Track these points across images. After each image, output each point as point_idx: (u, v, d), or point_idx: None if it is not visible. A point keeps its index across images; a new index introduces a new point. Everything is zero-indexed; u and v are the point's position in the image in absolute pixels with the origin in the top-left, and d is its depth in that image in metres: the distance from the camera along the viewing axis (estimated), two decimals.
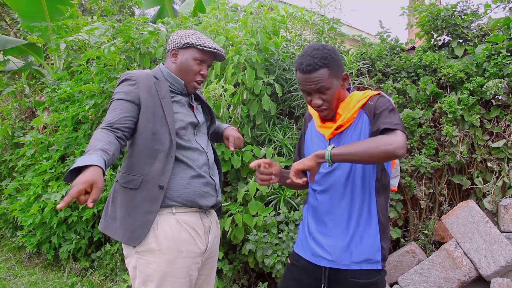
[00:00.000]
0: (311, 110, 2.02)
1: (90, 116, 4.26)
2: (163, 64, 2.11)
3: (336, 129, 1.84)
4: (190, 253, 1.94)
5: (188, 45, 2.01)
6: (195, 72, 2.03)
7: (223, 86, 3.26)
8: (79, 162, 1.49)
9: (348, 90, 1.94)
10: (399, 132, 1.62)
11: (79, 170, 1.48)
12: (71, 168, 1.49)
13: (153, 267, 1.87)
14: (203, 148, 2.06)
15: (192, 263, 1.95)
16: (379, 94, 1.83)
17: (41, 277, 4.12)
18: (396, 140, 1.58)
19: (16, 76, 6.67)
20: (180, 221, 1.93)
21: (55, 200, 3.92)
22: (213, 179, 2.06)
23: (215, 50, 2.04)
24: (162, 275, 1.87)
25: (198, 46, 2.00)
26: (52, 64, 6.21)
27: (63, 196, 3.96)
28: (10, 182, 4.90)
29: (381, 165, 1.82)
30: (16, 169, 4.85)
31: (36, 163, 4.55)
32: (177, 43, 2.04)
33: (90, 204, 1.42)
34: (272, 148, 3.36)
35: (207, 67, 2.09)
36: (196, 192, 1.97)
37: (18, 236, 4.43)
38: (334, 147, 1.65)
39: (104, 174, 1.53)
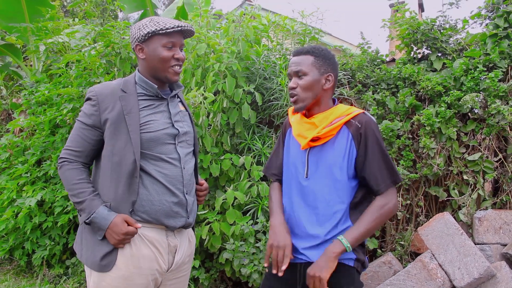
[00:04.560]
0: (291, 118, 2.03)
1: (68, 120, 4.20)
2: (137, 69, 1.93)
3: (313, 140, 1.85)
4: (150, 270, 1.80)
5: (150, 34, 1.80)
6: (168, 59, 1.83)
7: (203, 94, 3.24)
8: (101, 222, 1.73)
9: (334, 102, 1.97)
10: (392, 191, 1.80)
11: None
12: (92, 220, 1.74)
13: (108, 281, 1.75)
14: (179, 162, 1.88)
15: (151, 279, 1.82)
16: (363, 113, 1.86)
17: (13, 284, 4.02)
18: (392, 203, 1.78)
19: None
20: (142, 235, 1.80)
21: (30, 205, 3.83)
22: (186, 198, 1.89)
23: (180, 27, 1.83)
24: None
25: (160, 31, 1.79)
26: (31, 66, 6.10)
27: (38, 201, 3.89)
28: None
29: (363, 187, 1.87)
30: None
31: (11, 167, 4.45)
32: (138, 37, 1.83)
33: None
34: (251, 157, 3.35)
35: (180, 49, 1.89)
36: (163, 211, 1.81)
37: None
38: (343, 239, 1.72)
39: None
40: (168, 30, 1.80)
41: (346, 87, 3.72)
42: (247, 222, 3.16)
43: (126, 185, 1.77)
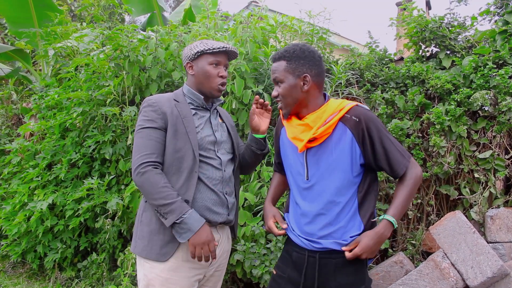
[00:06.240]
0: (283, 118, 2.02)
1: (77, 124, 4.22)
2: (186, 83, 2.18)
3: (309, 141, 1.82)
4: (195, 263, 1.99)
5: (199, 53, 2.07)
6: (214, 76, 2.07)
7: None
8: (192, 223, 1.86)
9: (325, 96, 1.92)
10: (411, 162, 1.82)
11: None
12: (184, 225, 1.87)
13: (156, 272, 1.94)
14: (221, 165, 2.08)
15: (195, 273, 2.01)
16: (356, 105, 1.82)
17: (25, 287, 4.05)
18: (418, 171, 1.82)
19: (3, 82, 6.60)
20: None
21: (41, 209, 3.86)
22: (226, 198, 2.09)
23: (225, 48, 2.08)
24: (163, 281, 1.94)
25: (208, 51, 2.06)
26: (40, 70, 6.16)
27: (49, 205, 3.91)
28: None
29: (367, 177, 1.85)
30: (1, 176, 4.78)
31: (22, 171, 4.48)
32: (189, 56, 2.10)
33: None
34: None
35: (225, 68, 2.14)
36: (206, 207, 2.00)
37: (2, 245, 4.36)
38: (394, 220, 1.76)
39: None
40: (215, 50, 2.06)
41: (355, 87, 3.71)
42: (257, 223, 3.16)
43: (186, 179, 1.96)
